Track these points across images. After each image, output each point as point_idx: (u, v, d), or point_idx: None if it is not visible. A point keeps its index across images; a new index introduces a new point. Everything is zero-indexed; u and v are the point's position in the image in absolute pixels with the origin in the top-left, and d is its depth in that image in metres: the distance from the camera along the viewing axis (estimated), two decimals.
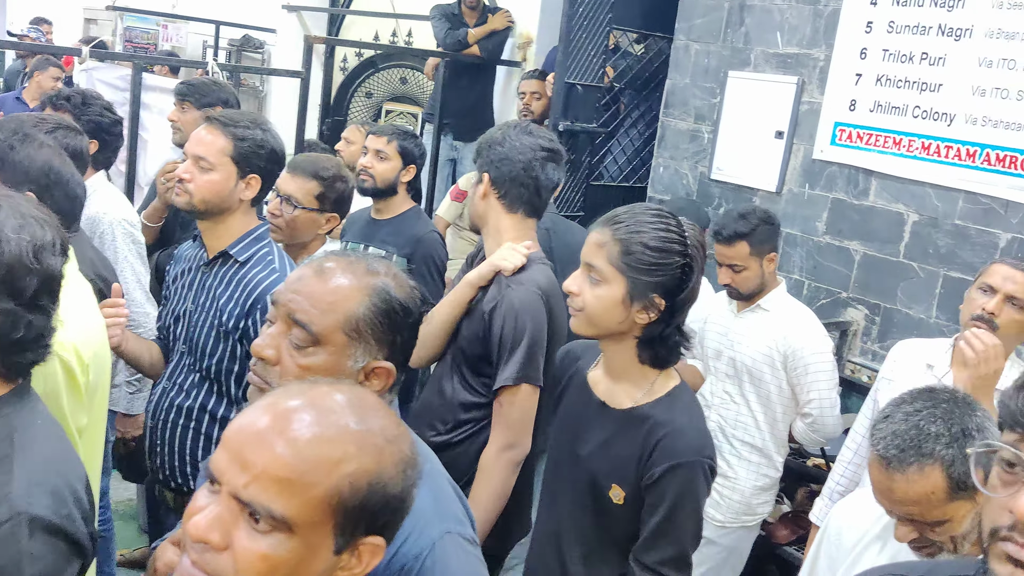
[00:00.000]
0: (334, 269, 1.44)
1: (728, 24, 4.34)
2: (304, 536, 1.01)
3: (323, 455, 1.01)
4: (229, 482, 1.01)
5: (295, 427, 1.02)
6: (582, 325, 1.85)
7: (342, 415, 1.05)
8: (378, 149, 3.43)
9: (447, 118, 5.53)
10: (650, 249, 1.76)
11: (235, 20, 8.29)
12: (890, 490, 1.58)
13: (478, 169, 2.37)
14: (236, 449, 1.03)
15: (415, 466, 1.10)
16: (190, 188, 2.27)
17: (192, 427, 2.32)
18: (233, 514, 1.01)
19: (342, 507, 1.02)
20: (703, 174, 4.47)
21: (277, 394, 1.08)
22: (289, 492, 0.99)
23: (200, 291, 2.34)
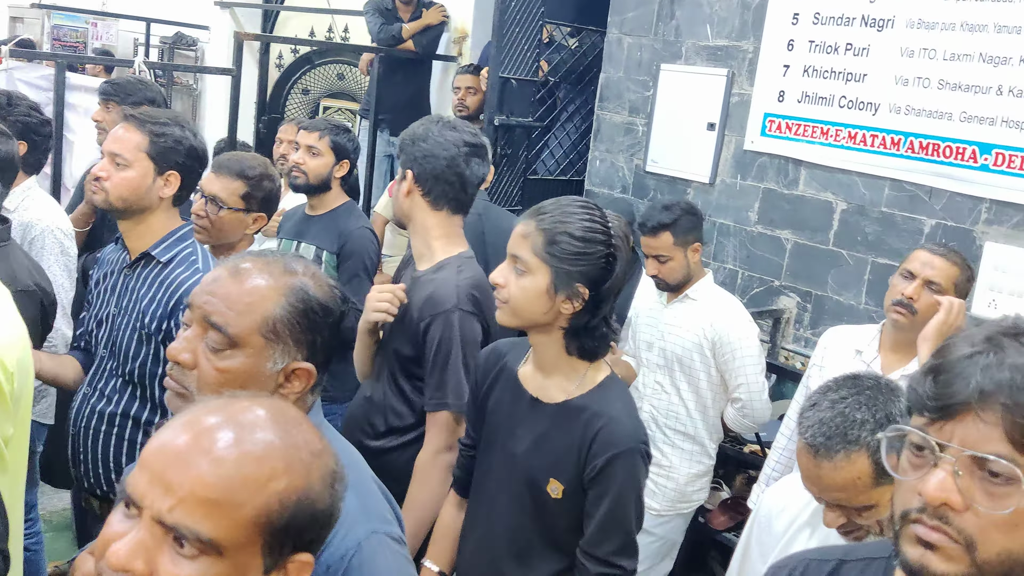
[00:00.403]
0: (250, 269, 1.42)
1: (659, 17, 4.38)
2: (232, 559, 0.97)
3: (251, 473, 0.98)
4: (151, 506, 0.96)
5: (219, 445, 0.98)
6: (507, 316, 1.85)
7: (266, 431, 1.02)
8: (310, 145, 3.40)
9: (383, 113, 5.49)
10: (574, 239, 1.76)
11: (167, 17, 8.13)
12: (818, 477, 1.61)
13: (401, 166, 2.36)
14: (158, 471, 0.98)
15: (342, 480, 1.08)
16: (106, 186, 2.23)
17: (115, 433, 2.27)
18: (156, 540, 0.96)
19: (271, 526, 0.98)
20: (638, 167, 4.50)
21: (196, 411, 1.04)
22: (217, 514, 0.95)
23: (123, 294, 2.29)
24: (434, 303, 2.24)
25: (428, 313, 2.24)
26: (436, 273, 2.30)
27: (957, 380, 0.96)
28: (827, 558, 1.25)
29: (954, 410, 0.95)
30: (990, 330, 0.99)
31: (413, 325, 2.26)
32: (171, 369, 1.42)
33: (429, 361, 2.24)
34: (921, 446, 0.99)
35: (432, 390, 2.25)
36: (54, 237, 2.96)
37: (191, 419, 1.02)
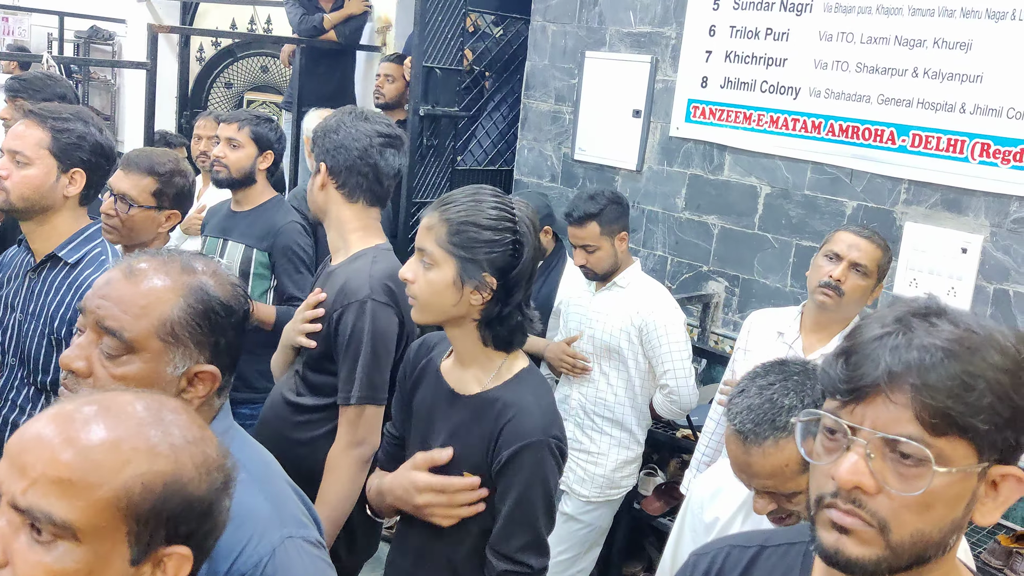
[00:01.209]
0: (146, 270, 1.36)
1: (583, 4, 4.37)
2: (92, 545, 0.94)
3: (108, 454, 0.95)
4: (7, 491, 0.94)
5: (78, 428, 0.96)
6: (418, 313, 1.82)
7: (133, 416, 0.99)
8: (229, 137, 3.30)
9: (307, 106, 5.37)
10: (478, 227, 1.74)
11: (81, 11, 7.88)
12: (747, 464, 1.61)
13: (315, 159, 2.30)
14: (15, 455, 0.96)
15: (223, 470, 1.04)
16: (7, 185, 2.14)
17: None
18: (14, 527, 0.94)
19: (133, 511, 0.95)
20: (566, 155, 4.49)
21: (64, 401, 1.02)
22: (71, 494, 0.93)
23: (28, 298, 2.20)
24: (346, 293, 2.19)
25: (340, 303, 2.19)
26: (350, 264, 2.25)
27: (866, 362, 0.95)
28: (748, 544, 1.24)
29: (864, 392, 0.95)
30: (900, 311, 0.99)
31: (325, 317, 2.21)
32: (65, 378, 1.35)
33: (340, 352, 2.19)
34: (834, 430, 0.98)
35: (343, 383, 2.20)
36: None
37: (55, 408, 1.00)
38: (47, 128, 2.17)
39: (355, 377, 2.18)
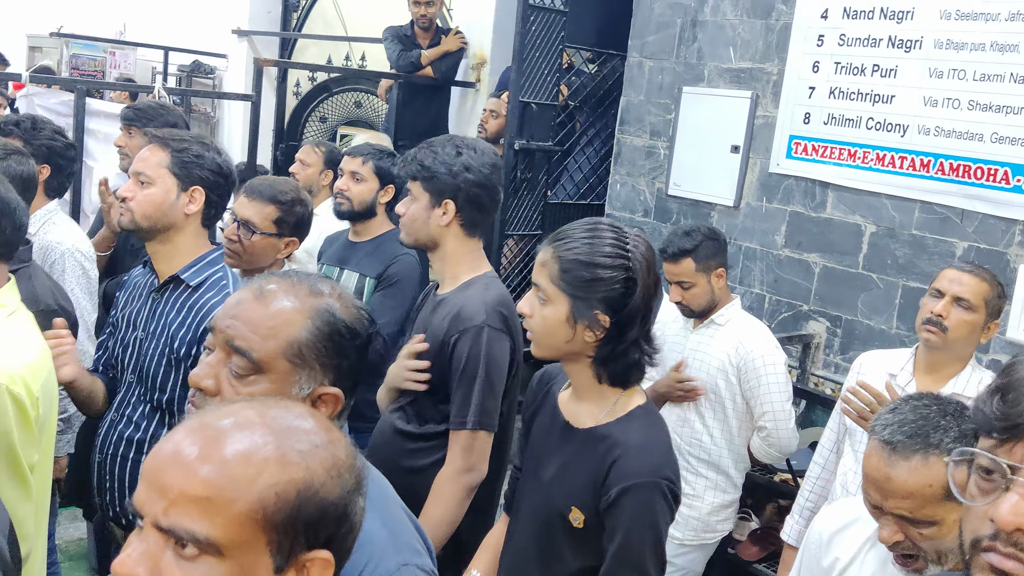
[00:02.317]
0: (275, 291, 1.36)
1: (681, 41, 4.36)
2: (236, 558, 0.94)
3: (241, 467, 0.95)
4: (149, 512, 0.95)
5: (209, 443, 0.96)
6: (535, 347, 1.79)
7: (260, 425, 0.99)
8: (353, 171, 3.33)
9: (402, 140, 5.47)
10: (589, 266, 1.69)
11: (184, 46, 8.17)
12: (887, 479, 1.52)
13: (432, 193, 2.30)
14: (152, 477, 0.97)
15: (353, 471, 1.03)
16: (131, 206, 2.20)
17: (142, 461, 2.21)
18: (159, 546, 0.94)
19: (270, 522, 0.95)
20: (660, 190, 4.46)
21: (188, 420, 1.03)
22: (210, 512, 0.93)
23: (150, 318, 2.25)
24: (462, 319, 2.21)
25: (456, 330, 2.20)
26: (463, 291, 2.27)
27: None
28: None
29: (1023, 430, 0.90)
30: None
31: (437, 343, 2.22)
32: (193, 396, 1.36)
33: (454, 378, 2.20)
34: (990, 469, 0.93)
35: (457, 408, 2.20)
36: (74, 259, 2.94)
37: (184, 425, 1.01)
38: (167, 149, 2.23)
39: (470, 402, 2.18)
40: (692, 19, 4.30)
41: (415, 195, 2.30)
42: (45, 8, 9.11)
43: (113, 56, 8.60)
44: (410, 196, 2.33)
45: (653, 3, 4.46)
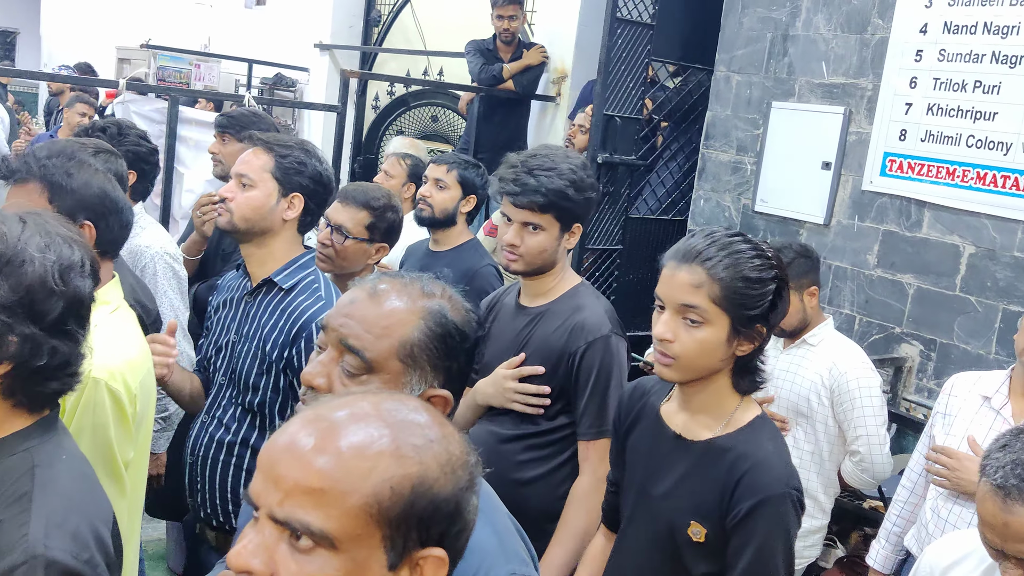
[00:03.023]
0: (388, 291, 1.36)
1: (771, 55, 4.28)
2: (350, 552, 0.93)
3: (354, 460, 0.94)
4: (265, 503, 0.95)
5: (323, 436, 0.95)
6: (677, 373, 1.73)
7: (372, 419, 0.98)
8: (437, 178, 3.35)
9: (481, 153, 5.48)
10: (751, 281, 1.68)
11: (267, 59, 8.33)
12: (1005, 525, 1.45)
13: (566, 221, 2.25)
14: (267, 468, 0.96)
15: (467, 468, 1.00)
16: (231, 207, 2.22)
17: (233, 463, 2.23)
18: (274, 538, 0.94)
19: (386, 516, 0.94)
20: (746, 206, 4.38)
21: (302, 411, 1.02)
22: (325, 503, 0.92)
23: (244, 321, 2.26)
24: (588, 330, 2.20)
25: (583, 340, 2.19)
26: (571, 301, 2.25)
27: None
28: None
29: None
30: None
31: (555, 356, 2.20)
32: (304, 394, 1.37)
33: (587, 388, 2.19)
34: None
35: (592, 417, 2.19)
36: (164, 262, 2.98)
37: (298, 417, 1.00)
38: (271, 153, 2.25)
39: (606, 411, 2.17)
40: (783, 33, 4.22)
41: (544, 225, 2.22)
42: (134, 21, 9.39)
43: (198, 68, 8.80)
44: (528, 227, 2.22)
45: (742, 17, 4.39)
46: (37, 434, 1.37)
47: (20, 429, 1.36)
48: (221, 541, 2.26)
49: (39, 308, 1.30)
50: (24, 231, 1.32)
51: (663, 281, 1.73)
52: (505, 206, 2.24)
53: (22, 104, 10.35)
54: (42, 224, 1.35)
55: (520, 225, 2.22)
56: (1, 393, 1.33)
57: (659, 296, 1.73)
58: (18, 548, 1.22)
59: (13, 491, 1.29)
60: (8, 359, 1.29)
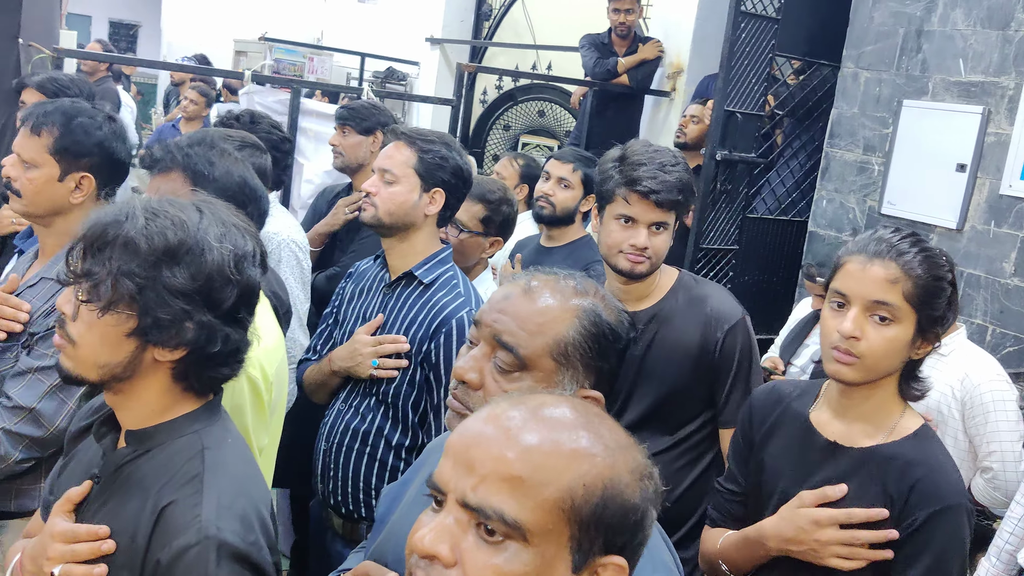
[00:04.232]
0: (541, 288, 1.35)
1: (903, 51, 4.11)
2: (539, 547, 0.91)
3: (552, 454, 0.93)
4: (456, 488, 0.93)
5: (521, 426, 0.95)
6: (860, 373, 1.66)
7: (568, 417, 0.98)
8: (561, 176, 3.32)
9: (592, 149, 5.42)
10: (940, 280, 1.65)
11: (379, 52, 8.45)
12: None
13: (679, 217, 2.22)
14: (460, 453, 0.95)
15: (652, 478, 0.99)
16: (376, 201, 2.24)
17: (367, 452, 2.25)
18: (462, 525, 0.93)
19: (577, 515, 0.92)
20: (872, 208, 4.21)
21: (495, 402, 1.02)
22: (521, 493, 0.91)
23: (381, 312, 2.28)
24: (724, 316, 2.18)
25: (719, 328, 2.17)
26: (686, 294, 2.23)
27: None
28: None
29: None
30: None
31: (692, 352, 2.17)
32: (455, 388, 1.36)
33: (730, 375, 2.17)
34: None
35: (737, 404, 2.15)
36: (290, 250, 3.02)
37: (491, 408, 1.00)
38: (414, 148, 2.26)
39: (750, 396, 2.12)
40: (917, 29, 4.04)
41: (668, 224, 2.19)
42: (251, 15, 9.64)
43: (311, 62, 8.98)
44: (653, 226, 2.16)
45: (873, 12, 4.23)
46: (204, 417, 1.40)
47: (188, 412, 1.39)
48: (347, 529, 2.28)
49: (216, 296, 1.33)
50: (202, 220, 1.34)
51: (848, 276, 1.67)
52: (631, 205, 2.15)
53: (143, 94, 10.75)
54: (217, 213, 1.38)
55: (647, 227, 2.15)
56: (173, 377, 1.37)
57: (841, 292, 1.67)
58: (191, 529, 1.26)
59: (184, 472, 1.32)
60: (184, 344, 1.32)
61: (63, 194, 2.12)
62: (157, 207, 1.33)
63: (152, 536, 1.28)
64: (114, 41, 13.30)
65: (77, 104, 2.19)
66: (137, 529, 1.30)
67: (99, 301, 1.29)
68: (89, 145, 2.12)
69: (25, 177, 2.10)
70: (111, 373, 1.33)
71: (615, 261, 2.18)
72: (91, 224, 1.31)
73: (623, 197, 2.15)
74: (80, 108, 2.17)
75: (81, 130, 2.12)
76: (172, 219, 1.31)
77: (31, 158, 2.10)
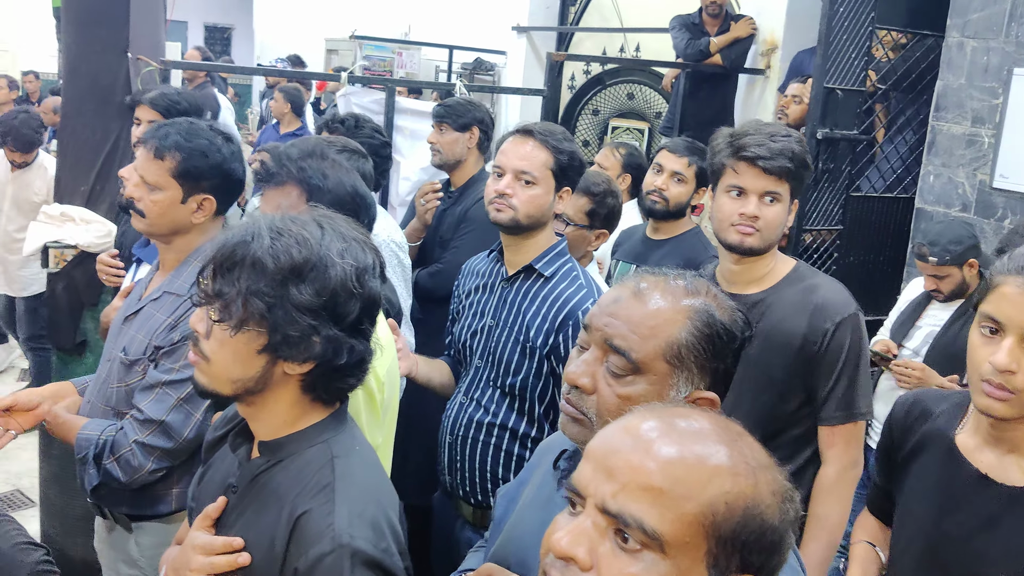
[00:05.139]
0: (651, 290, 1.34)
1: (1012, 17, 3.93)
2: (676, 560, 0.91)
3: (695, 468, 0.93)
4: (595, 493, 0.95)
5: (663, 438, 0.95)
6: (1014, 410, 1.52)
7: (711, 432, 0.97)
8: (675, 170, 3.25)
9: (686, 131, 5.35)
10: None
11: (466, 44, 8.48)
12: None
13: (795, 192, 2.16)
14: (601, 460, 0.96)
15: (793, 502, 0.97)
16: (514, 203, 2.26)
17: (492, 443, 2.29)
18: (599, 530, 0.94)
19: (716, 531, 0.92)
20: (983, 182, 4.05)
21: (636, 412, 1.02)
22: (661, 504, 0.91)
23: (501, 306, 2.32)
24: (834, 309, 2.11)
25: (831, 320, 2.10)
26: (799, 283, 2.17)
27: None
28: None
29: None
30: None
31: (794, 343, 2.11)
32: (568, 393, 1.36)
33: (834, 370, 2.10)
34: None
35: (840, 400, 2.11)
36: (390, 249, 3.07)
37: (631, 418, 1.00)
38: (550, 149, 2.28)
39: (856, 391, 2.09)
40: None
41: (782, 196, 2.13)
42: (341, 13, 9.79)
43: (400, 56, 9.08)
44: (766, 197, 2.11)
45: None
46: (332, 426, 1.45)
47: (317, 421, 1.44)
48: (478, 518, 2.33)
49: (340, 310, 1.36)
50: (324, 236, 1.38)
51: (1005, 300, 1.49)
52: (740, 175, 2.10)
53: (239, 95, 11.04)
54: (338, 228, 1.41)
55: (758, 196, 2.10)
56: (302, 389, 1.42)
57: (996, 318, 1.51)
58: (326, 537, 1.30)
59: (316, 481, 1.37)
60: (313, 358, 1.37)
61: (185, 215, 2.19)
62: (281, 226, 1.37)
63: (289, 545, 1.33)
64: (209, 44, 13.70)
65: (196, 127, 2.23)
66: (275, 538, 1.35)
67: (231, 320, 1.34)
68: (209, 168, 2.19)
69: (149, 199, 2.17)
70: (244, 387, 1.39)
71: (725, 235, 2.14)
72: (220, 246, 1.36)
73: (731, 167, 2.12)
74: (199, 131, 2.22)
75: (201, 154, 2.17)
76: (296, 237, 1.35)
77: (155, 181, 2.16)
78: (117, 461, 2.05)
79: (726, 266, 2.23)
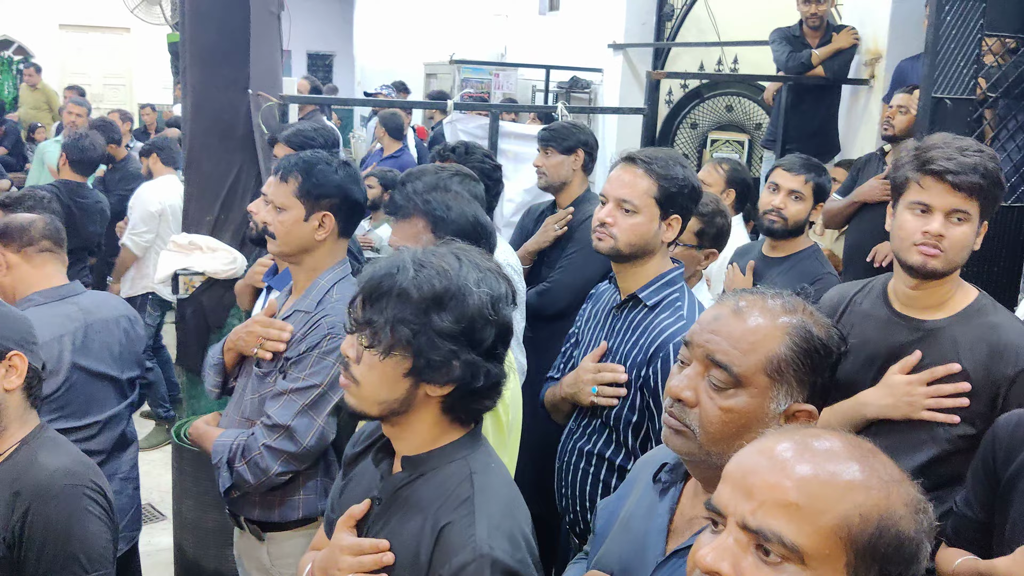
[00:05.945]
0: (750, 308, 1.42)
1: None
2: (816, 571, 0.97)
3: (829, 483, 0.99)
4: (735, 511, 1.01)
5: (798, 459, 1.02)
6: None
7: (842, 450, 1.03)
8: (792, 189, 3.23)
9: (788, 144, 5.32)
10: None
11: (562, 63, 8.57)
12: None
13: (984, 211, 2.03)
14: (738, 480, 1.03)
15: (927, 512, 1.02)
16: (614, 232, 2.26)
17: (592, 472, 2.31)
18: (741, 546, 1.00)
19: (853, 542, 0.98)
20: None
21: (769, 435, 1.08)
22: (799, 518, 0.97)
23: (609, 334, 2.34)
24: (1020, 352, 1.98)
25: (1014, 365, 1.98)
26: (981, 317, 2.05)
27: None
28: None
29: None
30: None
31: (975, 379, 2.00)
32: (670, 406, 1.44)
33: None
34: None
35: None
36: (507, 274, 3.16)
37: (765, 440, 1.07)
38: (652, 176, 2.26)
39: None
40: None
41: (971, 215, 2.00)
42: (438, 38, 10.03)
43: (497, 78, 9.26)
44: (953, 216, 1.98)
45: None
46: (469, 444, 1.56)
47: (455, 439, 1.55)
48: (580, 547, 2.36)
49: (478, 336, 1.47)
50: (462, 268, 1.49)
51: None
52: (925, 190, 1.97)
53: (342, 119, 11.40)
54: (473, 259, 1.53)
55: (944, 214, 1.96)
56: (442, 409, 1.53)
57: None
58: (467, 547, 1.40)
59: (457, 495, 1.48)
60: (452, 381, 1.48)
61: (309, 233, 2.36)
62: (423, 258, 1.49)
63: (433, 554, 1.44)
64: (312, 71, 14.18)
65: (316, 154, 2.46)
66: (420, 547, 1.46)
67: (379, 346, 1.46)
68: (328, 187, 2.37)
69: (277, 220, 2.37)
70: (389, 409, 1.51)
71: (906, 255, 2.00)
72: (368, 278, 1.49)
73: (916, 182, 1.99)
74: (319, 157, 2.43)
75: (320, 175, 2.37)
76: (437, 268, 1.47)
77: (281, 203, 2.37)
78: (247, 464, 2.23)
79: (902, 288, 2.10)
